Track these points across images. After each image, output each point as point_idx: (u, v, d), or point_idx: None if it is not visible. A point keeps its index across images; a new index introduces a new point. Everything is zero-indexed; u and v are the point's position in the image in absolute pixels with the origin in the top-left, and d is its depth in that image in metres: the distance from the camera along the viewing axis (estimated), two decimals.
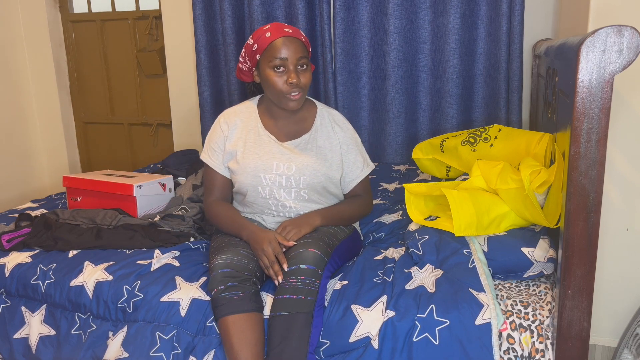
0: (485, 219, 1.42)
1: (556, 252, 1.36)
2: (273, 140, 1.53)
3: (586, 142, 1.02)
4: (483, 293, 1.27)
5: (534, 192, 1.37)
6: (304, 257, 1.31)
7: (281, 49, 1.42)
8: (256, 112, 1.58)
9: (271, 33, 1.44)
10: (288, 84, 1.43)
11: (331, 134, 1.57)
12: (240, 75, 1.59)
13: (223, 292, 1.29)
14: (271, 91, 1.47)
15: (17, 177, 3.16)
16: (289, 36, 1.44)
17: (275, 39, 1.42)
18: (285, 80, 1.43)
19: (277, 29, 1.44)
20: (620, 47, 0.97)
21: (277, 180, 1.50)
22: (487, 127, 1.84)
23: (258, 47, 1.45)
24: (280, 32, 1.43)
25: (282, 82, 1.43)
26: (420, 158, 1.97)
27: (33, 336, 1.52)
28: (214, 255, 1.38)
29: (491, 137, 1.78)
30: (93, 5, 3.15)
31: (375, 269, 1.43)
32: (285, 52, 1.42)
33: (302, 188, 1.50)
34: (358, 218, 1.60)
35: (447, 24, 2.26)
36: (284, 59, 1.42)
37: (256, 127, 1.55)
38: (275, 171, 1.50)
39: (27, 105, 3.21)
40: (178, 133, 2.97)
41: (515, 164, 1.61)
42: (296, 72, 1.44)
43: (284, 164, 1.50)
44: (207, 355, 1.32)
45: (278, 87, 1.44)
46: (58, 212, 1.81)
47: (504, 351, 1.22)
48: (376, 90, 2.45)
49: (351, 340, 1.26)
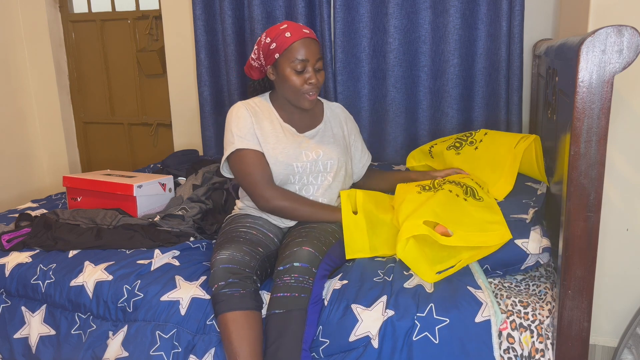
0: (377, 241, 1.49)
1: (549, 241, 1.36)
2: (294, 132, 1.60)
3: (586, 142, 1.02)
4: (481, 291, 1.27)
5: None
6: (298, 255, 1.32)
7: (303, 50, 1.47)
8: (272, 107, 1.62)
9: (291, 33, 1.48)
10: (308, 84, 1.49)
11: (342, 124, 1.71)
12: (249, 71, 1.63)
13: (224, 289, 1.29)
14: (289, 90, 1.52)
15: (17, 177, 3.16)
16: (309, 37, 1.50)
17: (296, 40, 1.47)
18: (305, 80, 1.49)
19: (297, 29, 1.49)
20: (620, 47, 0.97)
21: (308, 166, 1.56)
22: (473, 132, 1.87)
23: (277, 46, 1.49)
24: (300, 33, 1.49)
25: (302, 82, 1.50)
26: (414, 166, 2.00)
27: (33, 336, 1.52)
28: (216, 251, 1.38)
29: (477, 140, 1.81)
30: (93, 5, 3.15)
31: (376, 269, 1.43)
32: (307, 54, 1.48)
33: (329, 172, 1.58)
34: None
35: (447, 24, 2.26)
36: (305, 60, 1.48)
37: (277, 120, 1.60)
38: (305, 159, 1.56)
39: (27, 105, 3.21)
40: (178, 133, 2.97)
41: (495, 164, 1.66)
42: (314, 72, 1.50)
43: (311, 152, 1.57)
44: (208, 353, 1.33)
45: (297, 86, 1.50)
46: (58, 212, 1.81)
47: (504, 350, 1.22)
48: (376, 90, 2.45)
49: (351, 340, 1.26)
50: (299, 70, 1.48)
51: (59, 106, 3.21)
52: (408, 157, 2.03)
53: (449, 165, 1.81)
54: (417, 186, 1.58)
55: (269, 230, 1.53)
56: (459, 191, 1.51)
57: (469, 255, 1.36)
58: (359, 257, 1.48)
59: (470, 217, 1.40)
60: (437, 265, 1.36)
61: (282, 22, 1.54)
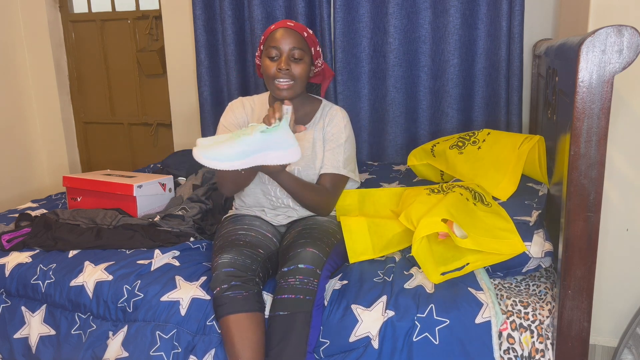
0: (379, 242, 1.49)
1: (552, 245, 1.36)
2: None
3: (586, 142, 1.02)
4: (482, 292, 1.27)
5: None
6: (302, 257, 1.31)
7: (278, 38, 1.49)
8: (267, 103, 1.64)
9: (275, 26, 1.53)
10: (278, 70, 1.49)
11: (325, 127, 1.59)
12: (259, 71, 1.64)
13: (226, 291, 1.29)
14: (265, 78, 1.54)
15: (17, 177, 3.16)
16: (289, 28, 1.51)
17: (275, 29, 1.51)
18: (277, 67, 1.49)
19: (282, 22, 1.53)
20: (620, 47, 0.97)
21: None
22: (476, 132, 1.86)
23: (263, 38, 1.55)
24: (281, 24, 1.52)
25: (274, 68, 1.49)
26: (415, 164, 1.99)
27: (33, 336, 1.51)
28: (217, 254, 1.38)
29: (479, 140, 1.80)
30: (93, 5, 3.15)
31: (376, 269, 1.43)
32: (281, 41, 1.49)
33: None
34: (312, 205, 1.51)
35: (447, 24, 2.26)
36: (278, 47, 1.49)
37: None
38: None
39: (27, 105, 3.21)
40: (178, 133, 2.97)
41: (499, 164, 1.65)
42: (288, 60, 1.49)
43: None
44: (208, 354, 1.32)
45: (269, 72, 1.50)
46: (58, 212, 1.81)
47: (504, 351, 1.22)
48: (376, 90, 2.45)
49: (351, 340, 1.26)
50: (272, 57, 1.49)
51: (59, 106, 3.21)
52: (409, 155, 2.02)
53: (452, 164, 1.80)
54: (426, 189, 1.58)
55: (266, 230, 1.52)
56: (468, 195, 1.50)
57: (474, 259, 1.35)
58: (362, 259, 1.47)
59: (481, 221, 1.39)
60: (442, 266, 1.35)
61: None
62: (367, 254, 1.47)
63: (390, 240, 1.49)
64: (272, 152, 1.25)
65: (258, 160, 1.25)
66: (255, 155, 1.24)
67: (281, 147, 1.26)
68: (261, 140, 1.23)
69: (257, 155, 1.24)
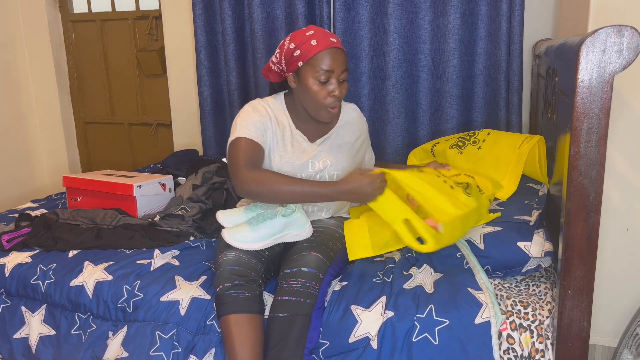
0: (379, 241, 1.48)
1: (552, 244, 1.36)
2: (305, 140, 1.53)
3: (586, 142, 1.02)
4: (481, 292, 1.27)
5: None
6: (306, 260, 1.31)
7: (328, 60, 1.38)
8: (286, 110, 1.54)
9: (317, 41, 1.39)
10: (331, 97, 1.41)
11: (356, 128, 1.61)
12: (267, 73, 1.55)
13: (229, 290, 1.29)
14: (310, 101, 1.44)
15: (17, 177, 3.16)
16: (335, 47, 1.41)
17: (322, 49, 1.38)
18: (329, 93, 1.41)
19: (323, 37, 1.40)
20: (620, 47, 0.97)
21: (312, 177, 1.50)
22: (476, 132, 1.86)
23: (301, 53, 1.40)
24: (327, 42, 1.39)
25: (325, 94, 1.41)
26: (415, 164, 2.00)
27: (33, 336, 1.52)
28: (223, 251, 1.38)
29: (480, 140, 1.80)
30: (93, 5, 3.15)
31: (375, 270, 1.43)
32: (332, 64, 1.39)
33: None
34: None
35: (447, 24, 2.26)
36: (330, 71, 1.39)
37: (289, 125, 1.53)
38: (311, 169, 1.50)
39: (27, 105, 3.21)
40: (178, 133, 2.97)
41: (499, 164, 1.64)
42: (338, 84, 1.42)
43: (318, 161, 1.51)
44: (208, 353, 1.32)
45: (319, 99, 1.42)
46: (58, 212, 1.81)
47: (504, 351, 1.22)
48: (376, 90, 2.45)
49: (350, 341, 1.26)
50: (322, 81, 1.39)
51: (59, 106, 3.21)
52: (409, 155, 2.02)
53: (452, 164, 1.80)
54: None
55: None
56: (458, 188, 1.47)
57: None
58: (361, 257, 1.47)
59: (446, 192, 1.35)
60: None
61: (307, 27, 1.45)
62: (366, 251, 1.47)
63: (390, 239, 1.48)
64: (291, 231, 1.42)
65: (279, 240, 1.41)
66: (277, 236, 1.40)
67: (299, 228, 1.42)
68: (283, 223, 1.40)
69: (278, 236, 1.41)
